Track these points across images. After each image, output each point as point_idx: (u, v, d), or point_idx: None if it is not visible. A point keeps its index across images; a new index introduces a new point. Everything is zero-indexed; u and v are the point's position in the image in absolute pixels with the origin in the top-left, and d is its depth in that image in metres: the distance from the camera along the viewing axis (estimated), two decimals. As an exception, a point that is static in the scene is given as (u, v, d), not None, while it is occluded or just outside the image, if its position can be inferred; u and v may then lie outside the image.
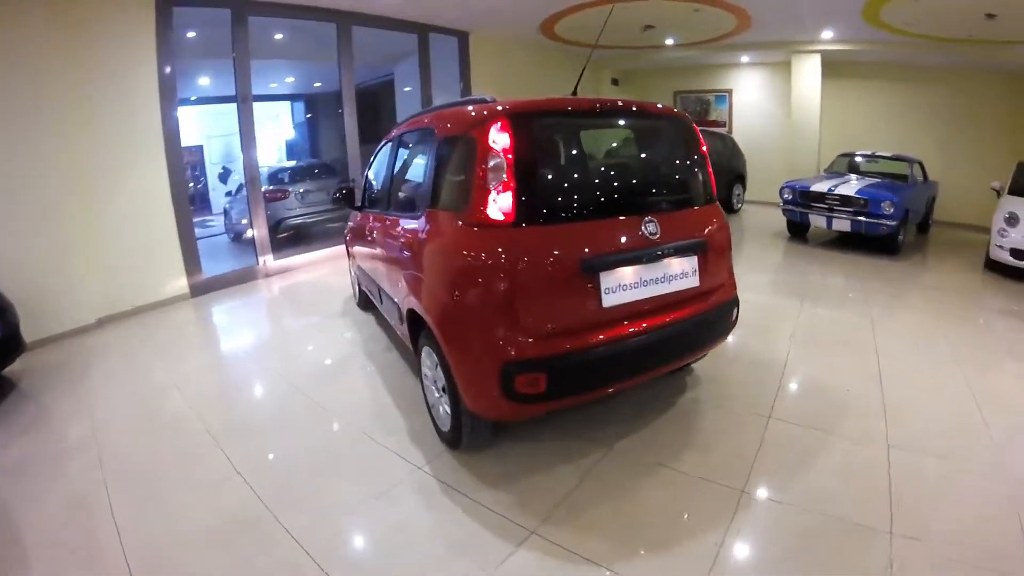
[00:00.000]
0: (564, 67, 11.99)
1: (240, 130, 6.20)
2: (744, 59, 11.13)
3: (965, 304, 5.85)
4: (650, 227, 2.64)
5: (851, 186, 7.57)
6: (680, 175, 3.10)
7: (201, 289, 5.97)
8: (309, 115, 11.14)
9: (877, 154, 8.78)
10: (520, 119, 2.47)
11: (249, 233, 6.81)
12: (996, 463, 2.78)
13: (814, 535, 2.30)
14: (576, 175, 2.86)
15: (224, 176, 11.10)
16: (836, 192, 7.51)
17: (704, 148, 3.15)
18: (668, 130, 3.11)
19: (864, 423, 3.15)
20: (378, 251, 3.83)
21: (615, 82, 12.77)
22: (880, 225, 7.19)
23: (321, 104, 10.40)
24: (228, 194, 8.27)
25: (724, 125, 12.17)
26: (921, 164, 8.52)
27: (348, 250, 5.25)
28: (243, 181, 6.69)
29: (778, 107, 11.38)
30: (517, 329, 2.37)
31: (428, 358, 2.95)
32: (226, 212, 8.76)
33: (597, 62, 12.00)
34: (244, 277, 6.49)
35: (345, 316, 5.18)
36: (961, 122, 9.70)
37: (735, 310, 3.12)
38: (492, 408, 2.51)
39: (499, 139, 2.42)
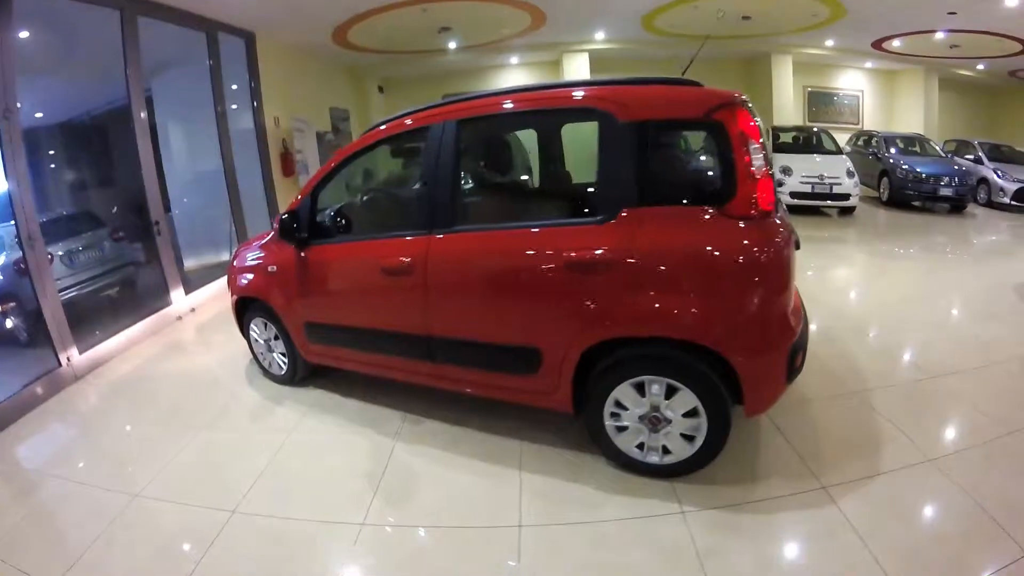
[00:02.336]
0: (344, 78, 10.97)
1: (3, 161, 3.95)
2: (514, 60, 11.69)
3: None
4: None
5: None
6: None
7: (-13, 427, 3.63)
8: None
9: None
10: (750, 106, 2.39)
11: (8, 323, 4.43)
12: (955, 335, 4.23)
13: (922, 394, 3.26)
14: None
15: None
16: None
17: None
18: None
19: (857, 326, 4.32)
20: (442, 285, 2.78)
21: (381, 90, 12.15)
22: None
23: (43, 140, 7.23)
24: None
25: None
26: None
27: (255, 307, 3.72)
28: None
29: (546, 105, 12.30)
30: (789, 307, 2.39)
31: (636, 393, 2.46)
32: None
33: (363, 68, 11.23)
34: (47, 390, 4.16)
35: (281, 400, 3.63)
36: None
37: None
38: (776, 396, 2.47)
39: (750, 125, 2.26)
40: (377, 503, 2.58)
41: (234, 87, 6.92)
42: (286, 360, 3.71)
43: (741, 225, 2.23)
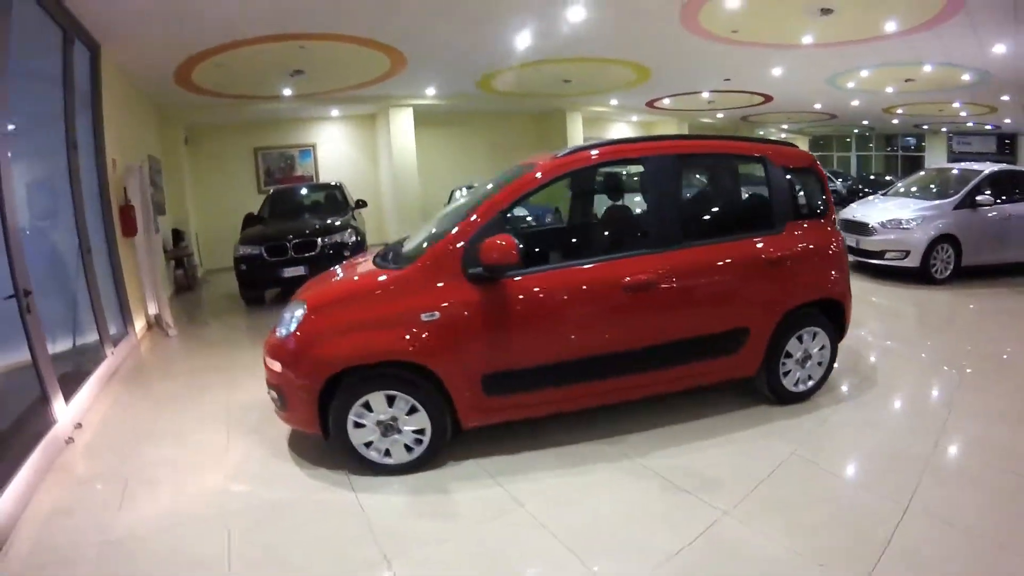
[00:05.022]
0: (156, 124, 8.71)
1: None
2: (335, 113, 10.76)
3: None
4: None
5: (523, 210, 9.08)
6: None
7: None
8: None
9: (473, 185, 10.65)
10: None
11: None
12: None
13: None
14: None
15: None
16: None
17: None
18: None
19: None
20: (678, 294, 3.10)
21: (186, 140, 9.86)
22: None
23: None
24: None
25: (311, 179, 11.42)
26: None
27: (364, 381, 2.78)
28: None
29: (364, 158, 11.63)
30: None
31: (798, 342, 3.36)
32: None
33: (173, 112, 9.10)
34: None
35: (443, 489, 2.76)
36: (505, 150, 12.50)
37: None
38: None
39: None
40: (712, 498, 2.57)
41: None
42: (424, 438, 2.87)
43: (829, 229, 3.53)
